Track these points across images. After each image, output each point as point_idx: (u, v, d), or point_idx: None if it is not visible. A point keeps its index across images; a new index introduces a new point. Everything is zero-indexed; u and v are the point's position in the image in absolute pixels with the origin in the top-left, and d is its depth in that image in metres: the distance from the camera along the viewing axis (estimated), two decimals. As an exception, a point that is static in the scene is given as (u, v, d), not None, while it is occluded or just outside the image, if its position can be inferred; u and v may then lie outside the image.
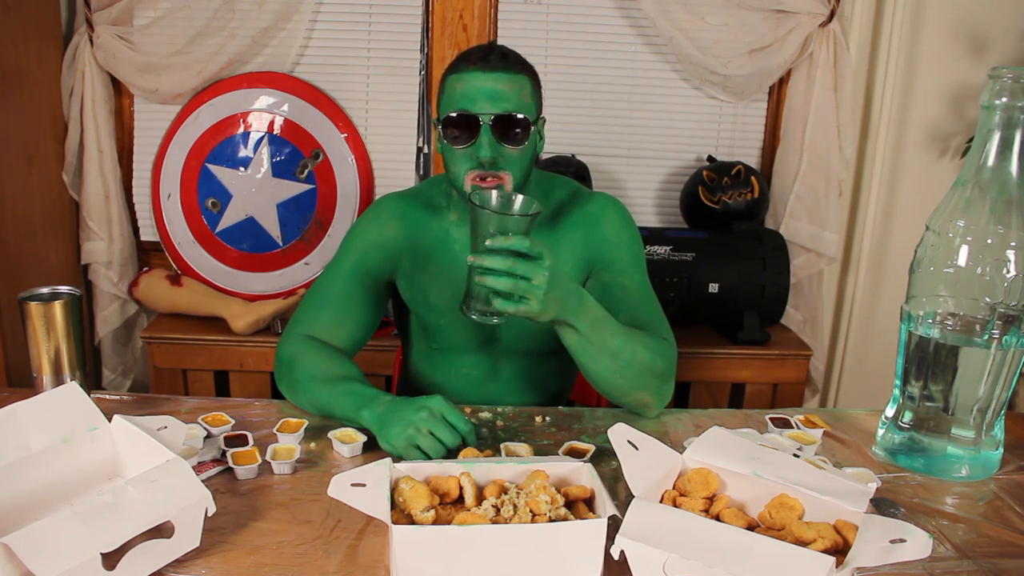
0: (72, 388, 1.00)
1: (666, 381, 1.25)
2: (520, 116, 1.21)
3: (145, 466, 0.91)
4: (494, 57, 1.21)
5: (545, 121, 1.30)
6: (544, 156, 2.28)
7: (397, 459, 0.99)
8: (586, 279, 1.35)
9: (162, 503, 0.86)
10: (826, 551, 0.82)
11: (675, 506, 0.93)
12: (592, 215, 1.34)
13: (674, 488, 0.97)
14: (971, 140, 1.37)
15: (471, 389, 1.40)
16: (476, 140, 1.20)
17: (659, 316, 1.30)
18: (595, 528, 0.85)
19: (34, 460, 0.92)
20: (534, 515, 0.87)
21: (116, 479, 0.99)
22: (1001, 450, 1.17)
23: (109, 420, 1.00)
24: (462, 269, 1.23)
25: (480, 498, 0.90)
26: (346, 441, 1.14)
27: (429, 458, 1.07)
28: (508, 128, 1.20)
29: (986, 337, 1.10)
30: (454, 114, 1.21)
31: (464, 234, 1.33)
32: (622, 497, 1.02)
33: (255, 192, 2.23)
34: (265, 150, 2.22)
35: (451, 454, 1.07)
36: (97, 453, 0.98)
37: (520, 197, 1.10)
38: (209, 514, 0.89)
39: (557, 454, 1.13)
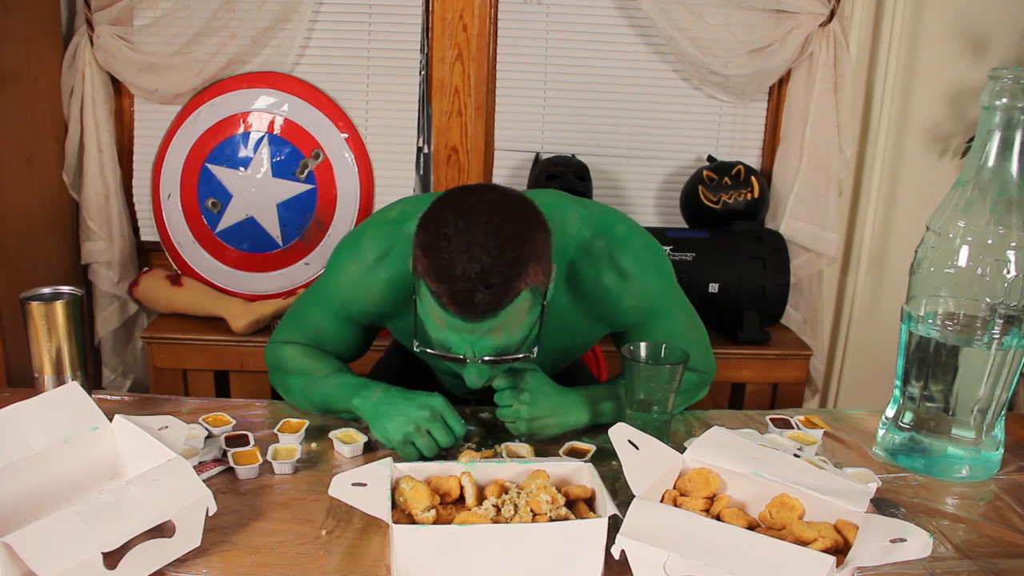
0: (73, 388, 1.01)
1: (693, 398, 1.30)
2: (512, 357, 1.04)
3: (146, 466, 0.91)
4: (477, 303, 0.95)
5: (553, 270, 1.07)
6: (544, 156, 2.29)
7: (398, 459, 0.99)
8: (614, 332, 1.27)
9: (163, 502, 0.86)
10: (826, 551, 0.82)
11: (675, 506, 0.93)
12: (610, 290, 1.17)
13: (674, 488, 0.97)
14: (971, 140, 1.37)
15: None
16: (464, 368, 1.05)
17: (693, 344, 1.23)
18: (596, 528, 0.85)
19: (35, 459, 0.92)
20: (535, 515, 0.87)
21: (117, 479, 1.00)
22: (1001, 450, 1.17)
23: (110, 420, 1.00)
24: None
25: (481, 498, 0.90)
26: (347, 441, 1.14)
27: (422, 455, 1.09)
28: (500, 362, 1.05)
29: (986, 338, 1.10)
30: (433, 351, 1.05)
31: None
32: (622, 497, 1.02)
33: (255, 192, 2.23)
34: (265, 150, 2.22)
35: (444, 454, 1.09)
36: (98, 453, 0.98)
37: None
38: (210, 513, 0.89)
39: (558, 454, 1.13)
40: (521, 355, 1.05)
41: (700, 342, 1.28)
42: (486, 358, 1.02)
